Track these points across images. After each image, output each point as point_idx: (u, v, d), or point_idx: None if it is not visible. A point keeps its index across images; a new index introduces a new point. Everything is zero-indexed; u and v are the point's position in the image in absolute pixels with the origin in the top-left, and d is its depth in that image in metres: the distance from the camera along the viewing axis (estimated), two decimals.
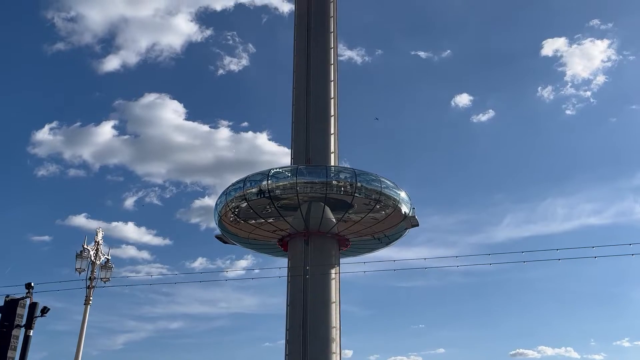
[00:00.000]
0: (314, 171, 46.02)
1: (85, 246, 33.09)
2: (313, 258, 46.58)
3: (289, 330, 46.84)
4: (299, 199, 44.86)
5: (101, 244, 34.23)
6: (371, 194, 45.68)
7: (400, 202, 46.67)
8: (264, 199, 45.09)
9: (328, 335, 46.00)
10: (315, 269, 46.49)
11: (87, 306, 32.71)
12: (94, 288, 33.29)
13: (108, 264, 34.31)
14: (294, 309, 46.59)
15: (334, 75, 55.30)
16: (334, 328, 46.52)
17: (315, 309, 45.93)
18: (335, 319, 46.78)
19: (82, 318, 32.55)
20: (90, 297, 32.94)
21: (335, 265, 47.99)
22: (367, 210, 46.16)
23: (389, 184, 46.71)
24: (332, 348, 46.08)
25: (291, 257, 48.44)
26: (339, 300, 47.69)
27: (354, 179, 45.26)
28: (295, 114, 53.56)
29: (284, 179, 45.39)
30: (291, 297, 47.36)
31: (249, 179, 45.88)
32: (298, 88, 54.49)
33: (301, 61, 54.89)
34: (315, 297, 46.38)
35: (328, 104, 53.46)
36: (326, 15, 56.07)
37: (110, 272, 34.26)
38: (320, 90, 53.70)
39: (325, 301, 46.66)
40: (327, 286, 47.24)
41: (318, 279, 46.74)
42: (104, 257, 34.14)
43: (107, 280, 34.05)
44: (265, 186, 44.90)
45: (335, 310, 47.03)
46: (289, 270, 47.52)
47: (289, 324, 46.96)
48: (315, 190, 45.09)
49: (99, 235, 34.43)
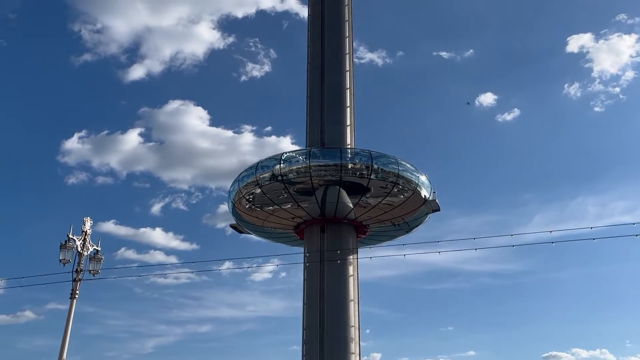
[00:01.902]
0: (328, 153, 44.40)
1: (70, 236, 30.89)
2: (330, 245, 44.72)
3: (306, 329, 44.91)
4: (312, 183, 43.20)
5: (89, 234, 32.07)
6: (388, 177, 43.72)
7: (419, 185, 44.58)
8: (277, 183, 43.58)
9: (347, 335, 43.82)
10: (332, 257, 44.70)
11: (73, 300, 30.65)
12: (81, 281, 31.08)
13: (97, 256, 32.30)
14: (311, 307, 44.68)
15: (349, 65, 53.91)
16: (353, 327, 44.31)
17: (333, 307, 43.97)
18: (354, 318, 44.64)
19: (68, 313, 30.43)
20: (77, 290, 30.82)
21: (352, 253, 45.96)
22: (384, 194, 44.17)
23: (408, 167, 44.65)
24: (351, 348, 43.86)
25: (307, 245, 46.66)
26: (357, 297, 45.55)
27: (370, 161, 43.39)
28: (310, 106, 52.16)
29: (297, 163, 43.84)
30: (307, 294, 45.44)
31: (261, 164, 44.53)
32: (312, 79, 53.23)
33: (315, 51, 53.72)
34: (332, 292, 44.33)
35: (343, 94, 51.99)
36: (341, 2, 55.02)
37: (99, 264, 32.15)
38: (335, 81, 52.26)
39: (343, 298, 44.59)
40: (345, 279, 45.20)
41: (335, 271, 44.88)
42: (92, 248, 32.08)
43: (96, 273, 32.00)
44: (278, 170, 43.45)
45: (354, 308, 44.90)
46: (305, 259, 45.74)
47: (305, 323, 45.03)
48: (330, 174, 43.38)
49: (87, 225, 32.28)
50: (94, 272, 31.99)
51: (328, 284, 44.66)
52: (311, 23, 55.55)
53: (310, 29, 55.41)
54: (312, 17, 55.93)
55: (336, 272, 45.10)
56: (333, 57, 53.04)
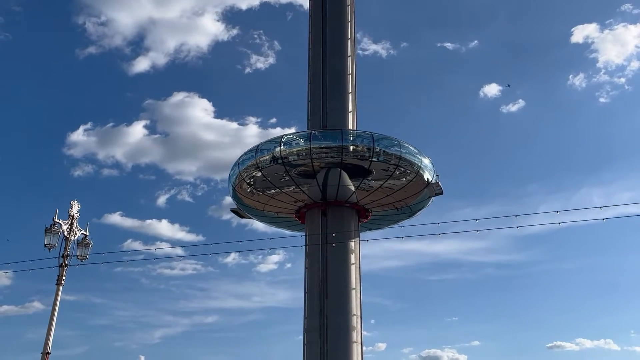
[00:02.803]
0: (329, 135, 43.86)
1: (56, 219, 29.80)
2: (331, 228, 44.16)
3: (307, 318, 44.42)
4: (313, 165, 42.69)
5: (77, 218, 30.86)
6: (391, 159, 43.12)
7: (422, 167, 43.95)
8: (278, 166, 43.10)
9: (348, 323, 43.29)
10: (334, 241, 44.17)
11: (59, 286, 29.59)
12: (67, 267, 29.91)
13: (86, 241, 31.13)
14: (312, 295, 44.20)
15: (351, 50, 53.23)
16: (355, 315, 43.77)
17: (335, 295, 43.45)
18: (356, 306, 44.10)
19: (54, 299, 29.45)
20: (63, 276, 29.66)
21: (354, 237, 45.40)
22: (386, 177, 43.58)
23: (411, 149, 44.03)
24: (353, 337, 43.35)
25: (308, 230, 46.15)
26: (359, 285, 44.97)
27: (371, 143, 42.80)
28: (312, 92, 51.32)
29: (298, 145, 43.32)
30: (309, 282, 44.93)
31: (261, 146, 44.05)
32: (314, 65, 52.52)
33: (317, 36, 52.93)
34: (334, 279, 43.77)
35: (345, 80, 51.26)
36: None
37: (88, 249, 31.05)
38: (337, 66, 51.55)
39: (344, 286, 44.05)
40: (347, 267, 44.66)
41: (337, 258, 44.37)
42: (80, 233, 30.90)
43: (84, 259, 30.88)
44: (279, 153, 42.96)
45: (356, 296, 44.37)
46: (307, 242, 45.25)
47: (307, 311, 44.55)
48: (331, 156, 42.83)
49: (74, 208, 31.02)
50: (81, 258, 30.93)
51: (329, 271, 44.11)
52: (313, 8, 54.89)
53: (312, 14, 54.76)
54: (313, 1, 55.34)
55: (338, 260, 44.62)
56: (335, 43, 52.39)
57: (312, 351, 43.26)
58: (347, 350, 43.04)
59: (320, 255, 44.59)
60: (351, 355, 42.92)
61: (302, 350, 44.39)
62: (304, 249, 46.71)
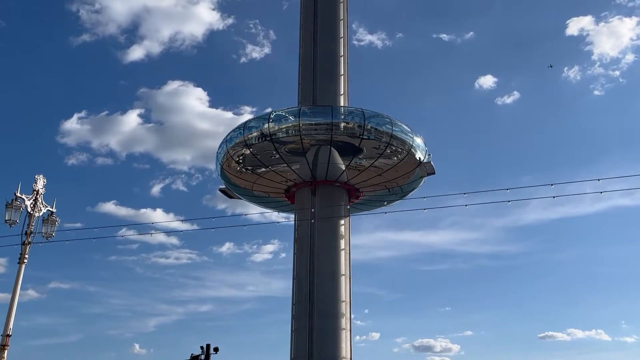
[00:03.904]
0: (319, 112, 42.72)
1: (17, 194, 27.46)
2: (321, 209, 42.91)
3: (295, 304, 43.25)
4: (302, 142, 41.50)
5: (42, 193, 28.73)
6: (382, 137, 41.97)
7: (413, 146, 42.82)
8: (267, 143, 41.87)
9: (337, 310, 42.18)
10: (324, 223, 42.99)
11: (22, 265, 27.41)
12: (30, 244, 27.82)
13: (52, 217, 28.95)
14: (300, 282, 43.12)
15: (343, 31, 52.19)
16: (344, 302, 42.64)
17: (324, 281, 42.38)
18: (346, 293, 42.99)
19: (16, 278, 27.26)
20: (26, 254, 27.54)
21: (344, 218, 44.17)
22: (377, 155, 42.43)
23: (403, 127, 42.91)
24: (342, 324, 42.22)
25: (298, 210, 44.90)
26: (349, 272, 43.87)
27: (362, 121, 41.65)
28: (302, 75, 49.83)
29: (287, 122, 42.10)
30: (297, 267, 43.73)
31: (249, 123, 42.84)
32: (305, 47, 51.35)
33: (308, 16, 51.54)
34: (323, 266, 42.66)
35: (337, 62, 50.07)
36: None
37: (54, 226, 28.94)
38: (329, 47, 50.42)
39: (333, 272, 42.96)
40: (336, 253, 43.55)
41: (326, 244, 43.24)
42: (46, 209, 28.80)
43: (50, 236, 28.76)
44: (267, 129, 41.73)
45: (345, 283, 43.28)
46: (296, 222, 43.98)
47: (295, 298, 43.43)
48: (320, 133, 41.66)
49: (39, 183, 28.79)
50: (47, 236, 28.88)
51: (318, 257, 43.04)
52: None
53: None
54: None
55: (327, 245, 43.52)
56: (326, 23, 51.30)
57: (300, 338, 42.12)
58: (335, 338, 41.93)
59: (310, 240, 43.39)
60: (339, 342, 41.84)
61: (290, 337, 43.12)
62: (293, 234, 45.56)
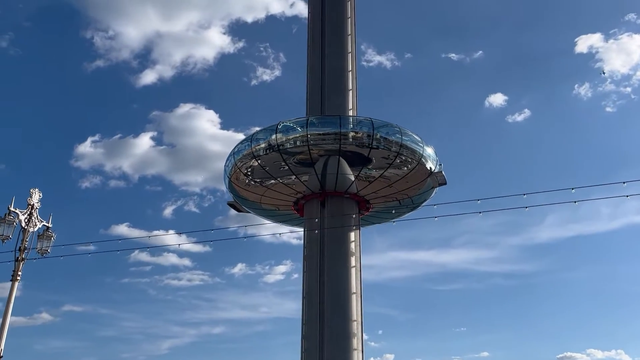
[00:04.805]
0: (327, 122, 42.12)
1: (11, 208, 26.51)
2: (330, 221, 41.95)
3: (305, 324, 41.94)
4: (311, 153, 40.82)
5: (37, 208, 27.80)
6: (391, 147, 41.16)
7: (424, 156, 41.93)
8: (275, 154, 41.25)
9: (348, 330, 40.78)
10: (333, 236, 41.95)
11: (15, 283, 26.29)
12: (24, 261, 26.70)
13: (47, 233, 27.89)
14: (310, 301, 41.88)
15: (351, 47, 51.96)
16: (355, 322, 41.27)
17: (334, 300, 41.13)
18: (357, 312, 41.63)
19: (8, 296, 26.06)
20: (19, 271, 26.49)
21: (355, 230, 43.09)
22: (386, 165, 41.56)
23: (413, 137, 42.14)
24: (354, 344, 40.79)
25: (307, 223, 43.99)
26: (360, 289, 42.56)
27: (371, 130, 40.94)
28: (310, 90, 49.37)
29: (294, 132, 41.51)
30: (307, 286, 42.55)
31: (256, 135, 42.32)
32: (312, 61, 51.19)
33: (316, 32, 51.49)
34: (333, 283, 41.40)
35: (345, 77, 49.73)
36: None
37: (50, 242, 27.87)
38: (337, 62, 50.04)
39: (344, 290, 41.63)
40: (347, 270, 42.24)
41: (336, 261, 42.12)
42: (41, 224, 27.85)
43: (45, 253, 27.72)
44: (275, 140, 41.14)
45: (357, 301, 41.97)
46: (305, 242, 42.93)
47: (305, 317, 42.12)
48: (328, 143, 40.96)
49: (35, 197, 27.86)
50: (42, 252, 27.82)
51: (328, 275, 41.84)
52: (311, 4, 53.97)
53: (311, 11, 53.84)
54: None
55: (337, 263, 42.42)
56: (334, 38, 51.14)
57: (310, 359, 40.56)
58: (347, 358, 40.32)
59: (319, 257, 42.34)
60: None
61: (300, 358, 41.65)
62: (302, 251, 44.55)
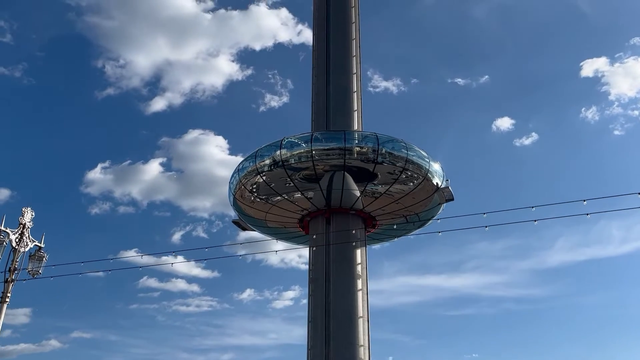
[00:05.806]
0: (331, 137, 41.94)
1: (2, 228, 26.28)
2: (336, 237, 41.35)
3: (310, 350, 41.12)
4: (315, 168, 40.57)
5: (29, 227, 27.52)
6: (397, 162, 40.81)
7: (430, 171, 41.51)
8: (279, 170, 41.07)
9: (355, 356, 39.54)
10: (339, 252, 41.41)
11: (4, 305, 25.92)
12: (14, 282, 26.43)
13: (39, 253, 27.74)
14: (316, 325, 41.10)
15: (356, 68, 52.08)
16: (362, 347, 40.09)
17: (340, 324, 40.12)
18: (364, 337, 40.51)
19: None
20: (8, 292, 26.10)
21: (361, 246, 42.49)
22: (392, 180, 41.17)
23: (419, 152, 41.78)
24: None
25: (312, 239, 43.41)
26: (367, 313, 41.49)
27: (376, 145, 40.68)
28: (315, 111, 49.22)
29: (299, 147, 41.34)
30: (312, 310, 41.84)
31: (261, 151, 42.18)
32: (317, 83, 51.24)
33: (320, 53, 51.60)
34: (339, 307, 40.50)
35: (350, 97, 49.70)
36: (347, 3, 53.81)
37: (41, 263, 27.68)
38: (341, 82, 50.22)
39: (350, 314, 40.62)
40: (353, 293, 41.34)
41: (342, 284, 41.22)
42: (33, 244, 27.66)
43: (37, 274, 27.56)
44: (279, 156, 40.99)
45: (364, 326, 40.84)
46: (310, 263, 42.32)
47: (310, 342, 41.34)
48: (333, 158, 40.71)
49: (26, 216, 27.58)
50: (33, 273, 27.58)
51: (334, 298, 40.93)
52: (316, 26, 54.31)
53: (316, 33, 54.18)
54: (317, 20, 54.74)
55: (343, 285, 41.46)
56: (339, 60, 51.30)
57: None
58: None
59: (325, 279, 41.61)
60: None
61: None
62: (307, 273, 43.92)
